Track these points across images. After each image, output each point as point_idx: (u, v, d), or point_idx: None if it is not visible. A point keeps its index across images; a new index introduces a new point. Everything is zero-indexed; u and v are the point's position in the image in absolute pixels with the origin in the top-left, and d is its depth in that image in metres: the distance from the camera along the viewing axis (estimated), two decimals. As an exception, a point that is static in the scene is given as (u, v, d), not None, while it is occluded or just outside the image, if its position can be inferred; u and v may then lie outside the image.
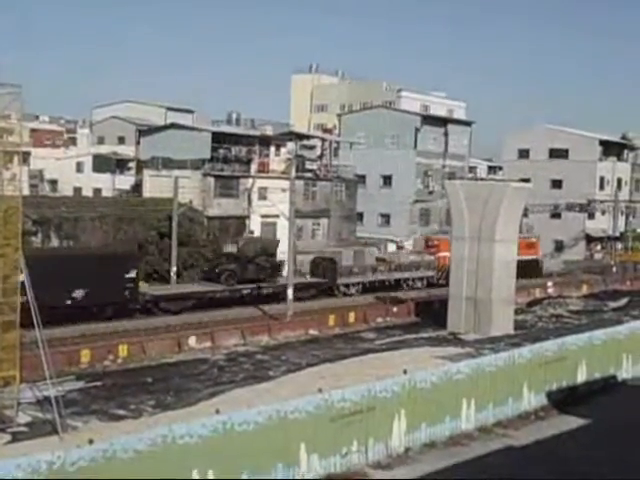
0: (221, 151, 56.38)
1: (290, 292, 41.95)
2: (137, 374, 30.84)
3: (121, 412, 25.56)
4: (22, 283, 23.93)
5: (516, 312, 43.89)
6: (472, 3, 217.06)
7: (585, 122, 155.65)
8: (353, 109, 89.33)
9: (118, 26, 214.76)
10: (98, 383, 28.97)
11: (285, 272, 46.37)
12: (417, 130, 71.03)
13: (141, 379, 29.94)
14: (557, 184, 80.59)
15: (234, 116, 70.70)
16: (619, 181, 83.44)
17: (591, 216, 78.18)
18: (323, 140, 67.69)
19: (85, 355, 32.06)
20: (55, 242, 45.88)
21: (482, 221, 40.48)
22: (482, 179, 59.31)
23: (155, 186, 55.56)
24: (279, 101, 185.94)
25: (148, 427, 19.89)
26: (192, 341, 35.88)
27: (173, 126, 62.48)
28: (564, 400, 26.62)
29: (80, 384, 28.70)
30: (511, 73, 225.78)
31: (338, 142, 70.81)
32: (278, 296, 45.06)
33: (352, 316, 43.31)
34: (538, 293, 54.92)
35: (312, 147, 68.31)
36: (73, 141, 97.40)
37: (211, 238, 51.01)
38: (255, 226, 55.55)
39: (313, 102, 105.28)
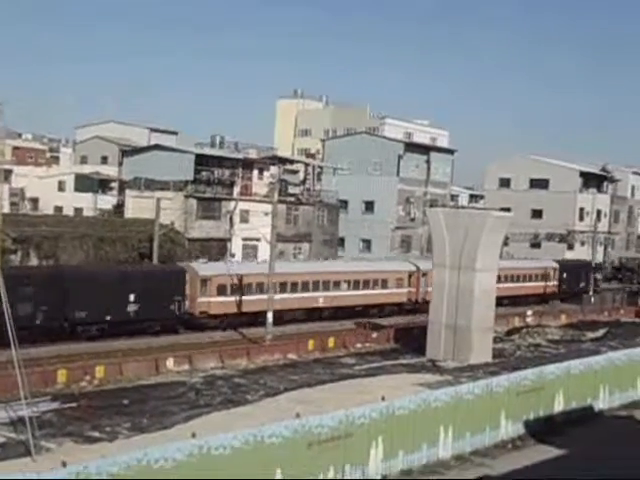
0: (204, 173, 56.46)
1: (270, 315, 41.84)
2: (113, 396, 30.53)
3: (96, 434, 25.28)
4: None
5: (495, 340, 43.99)
6: (455, 33, 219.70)
7: (566, 153, 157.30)
8: (337, 135, 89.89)
9: (102, 46, 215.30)
10: (74, 404, 28.66)
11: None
12: (400, 157, 71.47)
13: (117, 401, 29.65)
14: (537, 214, 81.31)
15: (218, 139, 70.88)
16: (598, 212, 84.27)
17: (570, 246, 78.83)
18: (306, 165, 67.98)
19: (61, 375, 31.72)
20: (34, 261, 45.55)
21: (463, 249, 40.66)
22: (463, 207, 59.71)
23: (137, 207, 55.47)
24: (263, 125, 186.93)
25: (123, 450, 19.68)
26: (170, 363, 35.61)
27: (156, 147, 62.53)
28: (541, 430, 26.64)
29: (55, 405, 28.39)
30: (494, 103, 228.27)
31: (321, 167, 71.13)
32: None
33: (331, 341, 43.23)
34: (517, 322, 55.11)
35: (295, 171, 68.56)
36: (56, 160, 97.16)
37: (192, 260, 50.88)
38: (236, 249, 55.52)
39: (297, 127, 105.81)
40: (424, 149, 76.49)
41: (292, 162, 70.44)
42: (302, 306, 48.86)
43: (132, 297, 40.53)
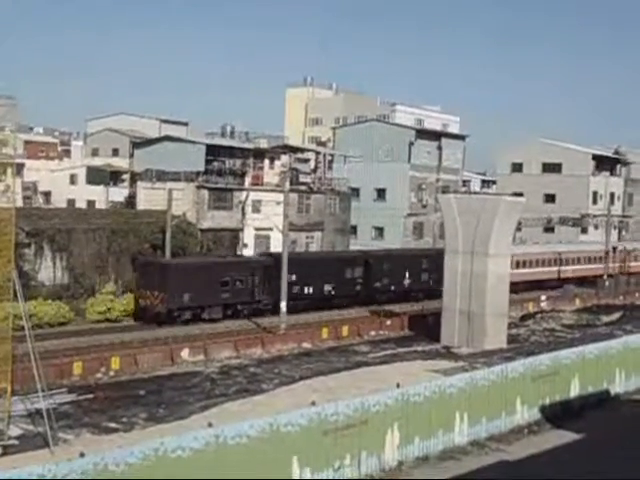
0: (215, 164, 56.35)
1: (283, 305, 41.88)
2: (129, 387, 30.71)
3: (113, 425, 25.45)
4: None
5: (509, 326, 43.88)
6: (466, 20, 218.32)
7: (578, 137, 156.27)
8: (347, 122, 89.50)
9: (112, 38, 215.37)
10: (90, 396, 28.83)
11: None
12: (411, 144, 71.17)
13: (133, 392, 29.82)
14: (550, 198, 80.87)
15: (228, 129, 70.69)
16: (612, 195, 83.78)
17: (584, 230, 78.42)
18: (317, 153, 67.75)
19: (77, 367, 31.90)
20: (48, 254, 45.69)
21: (475, 235, 40.53)
22: (476, 193, 59.49)
23: (149, 198, 55.46)
24: (274, 114, 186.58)
25: (140, 440, 19.78)
26: (185, 354, 35.77)
27: (167, 138, 62.44)
28: (557, 414, 26.59)
29: (72, 397, 28.57)
30: (506, 87, 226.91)
31: (332, 155, 70.84)
32: None
33: (345, 329, 43.25)
34: (531, 307, 54.95)
35: (306, 160, 68.33)
36: (67, 153, 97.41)
37: (204, 251, 50.92)
38: (249, 239, 55.51)
39: (308, 115, 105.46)
40: (435, 135, 76.12)
41: (303, 151, 70.19)
42: (554, 277, 65.23)
43: (408, 274, 54.98)
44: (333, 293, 49.74)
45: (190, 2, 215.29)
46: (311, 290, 48.88)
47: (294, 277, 46.31)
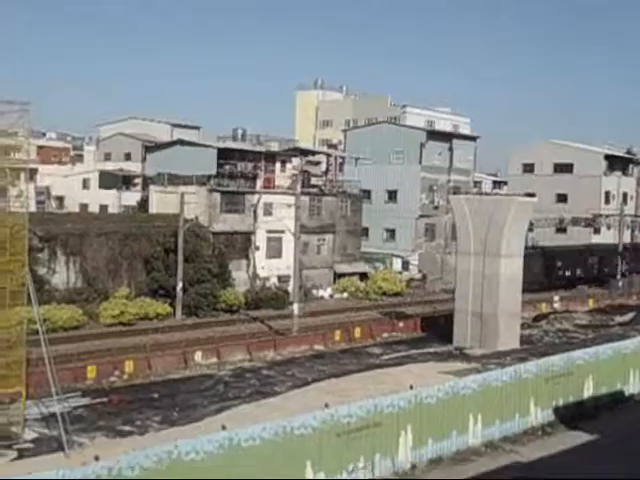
0: (227, 167, 56.51)
1: (296, 307, 41.95)
2: (143, 390, 30.85)
3: (127, 428, 25.58)
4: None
5: (522, 327, 43.79)
6: (475, 20, 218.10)
7: (590, 136, 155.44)
8: (358, 125, 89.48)
9: (123, 42, 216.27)
10: (104, 399, 28.97)
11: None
12: (422, 145, 71.04)
13: (147, 395, 29.96)
14: (562, 198, 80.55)
15: (240, 132, 70.86)
16: (624, 195, 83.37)
17: (597, 231, 78.06)
18: (328, 156, 67.84)
19: (91, 371, 32.10)
20: (62, 259, 45.97)
21: (487, 236, 40.48)
22: (487, 194, 59.30)
23: (161, 202, 55.67)
24: (284, 117, 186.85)
25: (154, 443, 19.86)
26: (198, 357, 35.89)
27: (179, 142, 62.68)
28: (571, 415, 26.49)
29: (86, 400, 28.71)
30: (516, 88, 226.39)
31: (343, 157, 70.90)
32: None
33: (358, 331, 43.29)
34: (544, 308, 54.80)
35: (317, 163, 68.48)
36: (80, 158, 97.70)
37: (217, 254, 51.04)
38: (261, 241, 55.64)
39: (318, 118, 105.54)
40: (446, 137, 75.97)
41: (314, 153, 70.34)
42: None
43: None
44: (582, 275, 65.55)
45: (199, 6, 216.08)
46: (569, 273, 65.76)
47: (560, 263, 64.95)
